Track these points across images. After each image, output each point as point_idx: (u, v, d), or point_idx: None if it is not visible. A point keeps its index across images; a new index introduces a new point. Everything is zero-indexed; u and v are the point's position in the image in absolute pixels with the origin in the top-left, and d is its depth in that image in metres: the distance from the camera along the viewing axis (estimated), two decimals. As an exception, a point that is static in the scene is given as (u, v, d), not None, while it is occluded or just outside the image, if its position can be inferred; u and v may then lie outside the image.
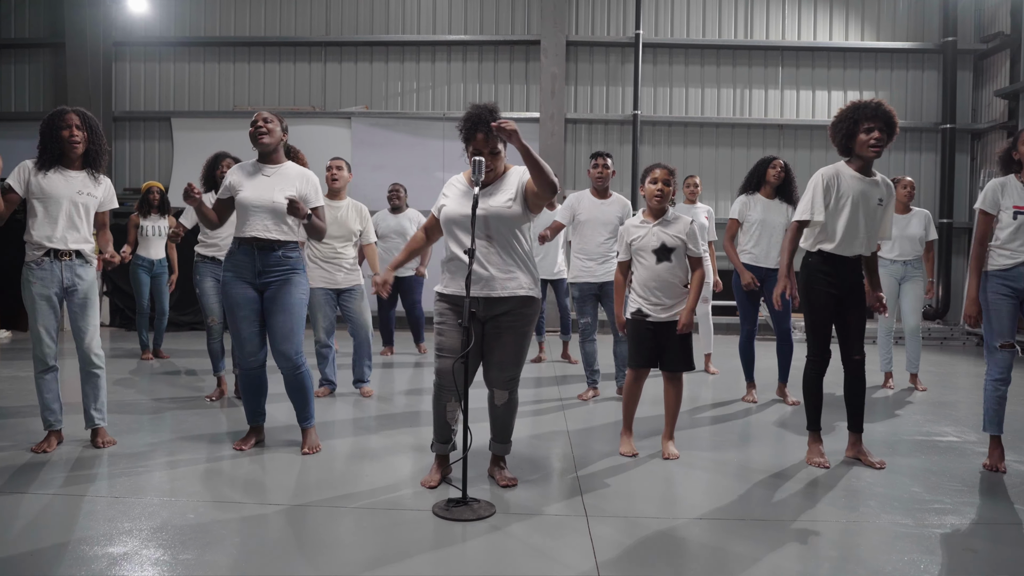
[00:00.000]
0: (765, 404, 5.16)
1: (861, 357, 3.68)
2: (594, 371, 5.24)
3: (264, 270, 3.59)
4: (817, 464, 3.61)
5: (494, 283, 3.02)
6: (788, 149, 10.00)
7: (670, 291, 3.63)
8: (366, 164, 9.81)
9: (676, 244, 3.63)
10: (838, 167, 3.63)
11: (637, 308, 3.68)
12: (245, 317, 3.62)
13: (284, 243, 3.62)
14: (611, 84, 10.04)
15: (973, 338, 9.25)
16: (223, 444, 3.84)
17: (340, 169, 5.16)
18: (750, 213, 5.18)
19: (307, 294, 3.72)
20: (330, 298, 5.09)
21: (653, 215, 3.70)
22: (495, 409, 3.23)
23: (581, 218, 5.12)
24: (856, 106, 3.54)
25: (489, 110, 3.05)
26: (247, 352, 3.66)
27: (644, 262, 3.67)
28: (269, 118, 3.66)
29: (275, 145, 3.67)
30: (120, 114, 10.22)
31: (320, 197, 3.75)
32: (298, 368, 3.67)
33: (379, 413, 4.73)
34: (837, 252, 3.60)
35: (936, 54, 9.88)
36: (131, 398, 5.03)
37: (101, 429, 3.80)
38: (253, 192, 3.58)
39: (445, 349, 3.07)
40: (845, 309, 3.64)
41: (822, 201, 3.57)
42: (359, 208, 5.20)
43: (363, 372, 5.27)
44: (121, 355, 7.11)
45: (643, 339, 3.68)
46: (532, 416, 4.66)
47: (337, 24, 10.10)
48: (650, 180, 3.68)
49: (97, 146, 3.69)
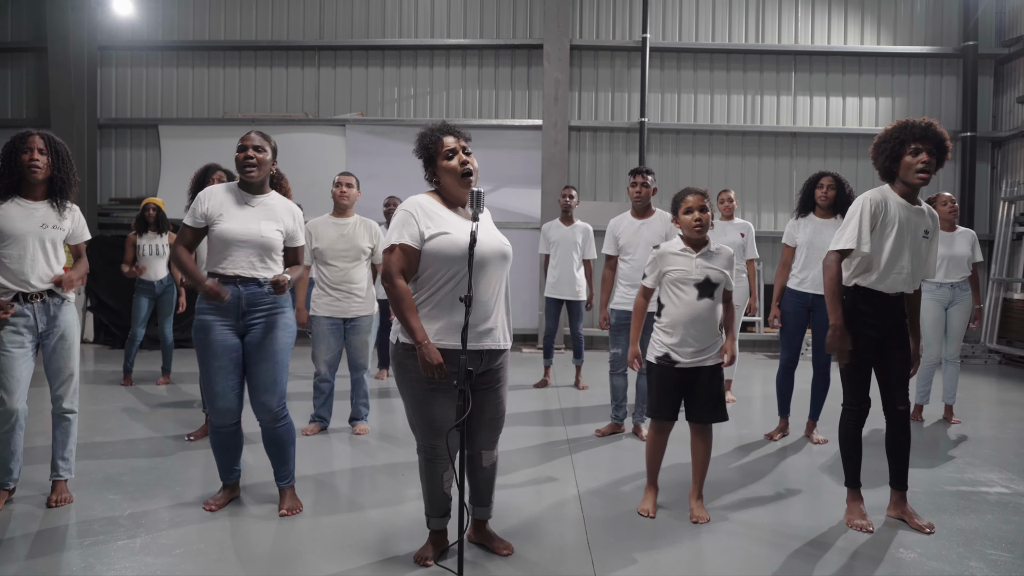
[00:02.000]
0: (793, 443, 4.76)
1: (906, 407, 3.29)
2: (620, 406, 4.84)
3: (249, 310, 3.18)
4: (859, 527, 3.22)
5: (496, 333, 2.64)
6: (801, 158, 9.61)
7: (706, 332, 3.22)
8: (361, 173, 9.28)
9: (720, 279, 3.23)
10: (884, 191, 3.24)
11: (664, 352, 3.26)
12: (222, 368, 3.19)
13: (267, 281, 3.22)
14: (617, 90, 9.64)
15: (996, 356, 8.85)
16: (193, 503, 3.44)
17: (350, 187, 4.76)
18: (797, 235, 4.77)
19: (294, 335, 3.33)
20: (336, 328, 4.69)
21: (694, 246, 3.29)
22: (482, 472, 2.84)
23: (623, 242, 4.73)
24: (903, 126, 3.15)
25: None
26: (220, 409, 3.23)
27: (682, 296, 3.23)
28: (260, 145, 3.23)
29: (263, 178, 3.27)
30: (105, 121, 9.83)
31: (303, 235, 3.40)
32: (280, 421, 3.27)
33: (373, 457, 4.33)
34: (878, 288, 3.21)
35: (956, 59, 9.49)
36: (104, 436, 4.63)
37: (61, 484, 3.41)
38: (237, 224, 3.16)
39: (439, 422, 2.60)
40: (887, 353, 3.25)
41: (869, 229, 3.17)
42: (368, 224, 4.80)
43: (359, 410, 4.88)
44: (102, 379, 6.71)
45: (669, 388, 3.28)
46: (536, 463, 4.26)
47: (331, 27, 9.71)
48: (684, 210, 3.27)
49: (63, 174, 3.30)
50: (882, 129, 3.26)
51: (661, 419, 3.31)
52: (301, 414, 5.23)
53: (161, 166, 9.74)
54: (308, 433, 4.75)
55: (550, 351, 6.66)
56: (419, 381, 2.58)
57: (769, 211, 9.64)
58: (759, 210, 9.62)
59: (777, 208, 9.63)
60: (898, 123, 3.20)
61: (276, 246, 3.23)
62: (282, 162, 3.64)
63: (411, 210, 2.62)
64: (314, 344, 4.72)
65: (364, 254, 4.71)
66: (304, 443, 4.57)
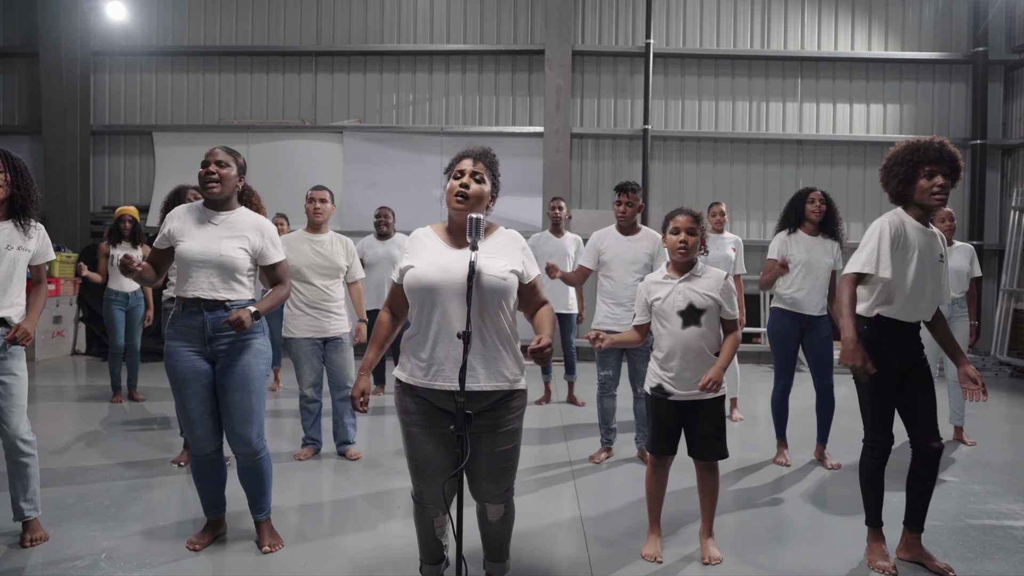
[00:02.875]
0: (801, 468, 4.57)
1: (940, 445, 3.05)
2: (610, 430, 4.68)
3: (215, 335, 2.99)
4: (881, 569, 3.02)
5: (476, 372, 2.36)
6: (807, 166, 9.43)
7: (698, 363, 3.02)
8: (359, 181, 9.25)
9: (707, 304, 3.01)
10: (901, 215, 3.05)
11: (658, 384, 3.08)
12: (195, 395, 3.01)
13: (236, 303, 3.03)
14: (620, 97, 9.46)
15: (1007, 368, 8.66)
16: (174, 538, 3.25)
17: (324, 202, 4.58)
18: (791, 253, 4.59)
19: (268, 360, 3.12)
20: (317, 348, 4.53)
21: (678, 269, 3.11)
22: (488, 525, 2.62)
23: (606, 258, 4.53)
24: (915, 147, 2.97)
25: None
26: (198, 437, 3.06)
27: (667, 327, 3.05)
28: (224, 160, 3.04)
29: (227, 195, 3.08)
30: (98, 128, 9.66)
31: (280, 250, 3.16)
32: (257, 454, 3.08)
33: (365, 485, 4.14)
34: (900, 317, 3.02)
35: (965, 65, 9.31)
36: (86, 461, 4.44)
37: (32, 522, 3.22)
38: (196, 243, 2.98)
39: (421, 463, 2.43)
40: (912, 386, 3.06)
41: (890, 253, 2.98)
42: (344, 242, 4.65)
43: (347, 432, 4.69)
44: (91, 396, 6.52)
45: (665, 421, 3.09)
46: (537, 489, 4.07)
47: (328, 33, 9.53)
48: (671, 230, 3.06)
49: (24, 191, 3.11)
50: (892, 139, 3.08)
51: (659, 453, 3.12)
52: (293, 437, 5.05)
53: (155, 174, 9.56)
54: (302, 458, 4.57)
55: (548, 367, 6.47)
56: (402, 415, 2.45)
57: (775, 220, 9.43)
58: (764, 219, 9.44)
59: (783, 217, 9.43)
60: (908, 144, 3.01)
61: (239, 266, 3.01)
62: (278, 170, 3.45)
63: (404, 244, 2.57)
64: (297, 366, 4.55)
65: (341, 271, 4.57)
66: (294, 469, 4.39)
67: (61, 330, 8.85)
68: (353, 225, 8.98)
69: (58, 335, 8.81)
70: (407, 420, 2.43)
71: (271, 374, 6.70)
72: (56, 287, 8.72)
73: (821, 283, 4.52)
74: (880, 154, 9.37)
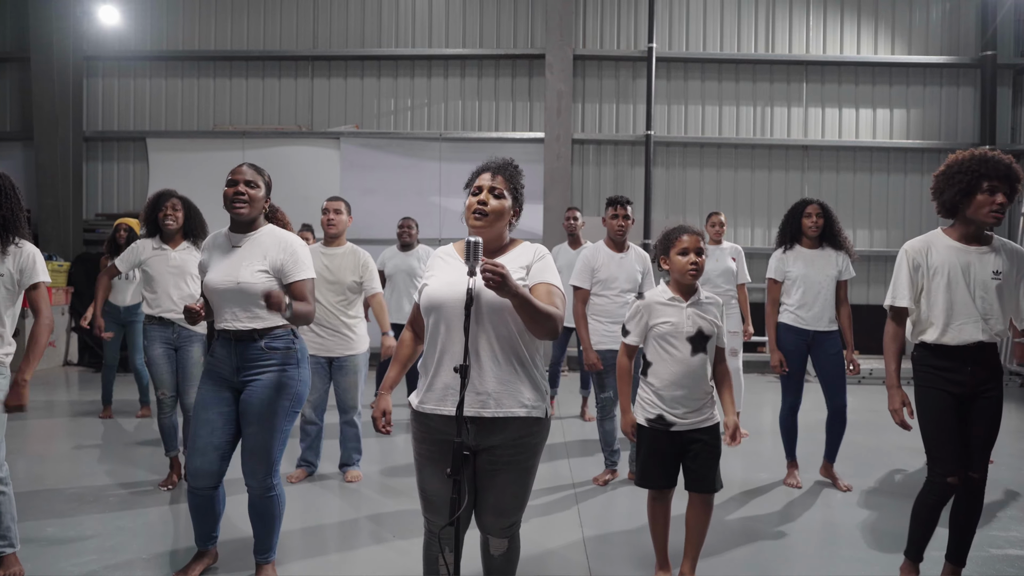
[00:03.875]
0: (810, 488, 4.40)
1: (981, 476, 2.88)
2: (613, 451, 4.52)
3: (243, 365, 2.83)
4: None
5: (489, 397, 2.20)
6: (813, 172, 9.27)
7: (699, 390, 2.86)
8: (356, 188, 9.08)
9: (712, 332, 2.87)
10: (929, 239, 2.90)
11: (658, 415, 2.88)
12: (207, 422, 2.83)
13: (265, 331, 2.84)
14: (622, 102, 9.30)
15: (1017, 379, 8.49)
16: (162, 571, 3.08)
17: (339, 213, 4.41)
18: (790, 269, 4.43)
19: (296, 399, 2.90)
20: (321, 368, 4.35)
21: (683, 292, 2.93)
22: (491, 560, 2.44)
23: (601, 276, 4.39)
24: (981, 159, 2.77)
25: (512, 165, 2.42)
26: (197, 469, 2.85)
27: (673, 353, 2.86)
28: (253, 180, 2.86)
29: (255, 216, 2.91)
30: (91, 134, 9.49)
31: (304, 267, 2.90)
32: (269, 492, 2.89)
33: (364, 509, 3.96)
34: (944, 342, 2.85)
35: (973, 69, 9.16)
36: (70, 484, 4.27)
37: (8, 557, 3.04)
38: (217, 273, 2.83)
39: (430, 495, 2.28)
40: (970, 414, 2.87)
41: (907, 283, 2.87)
42: (357, 255, 4.42)
43: (350, 456, 4.51)
44: (80, 411, 6.36)
45: (663, 453, 2.89)
46: (539, 514, 3.90)
47: (325, 37, 9.37)
48: (678, 251, 2.87)
49: (8, 211, 2.90)
50: (900, 145, 2.93)
51: (659, 487, 2.94)
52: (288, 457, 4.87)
53: (149, 180, 9.39)
54: (293, 480, 4.40)
55: (555, 380, 6.30)
56: (414, 443, 2.32)
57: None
58: (769, 226, 9.27)
59: (788, 224, 9.27)
60: (972, 155, 2.83)
61: (259, 290, 2.83)
62: (274, 177, 3.24)
63: (428, 263, 2.42)
64: None
65: (350, 289, 4.34)
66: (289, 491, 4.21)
67: (52, 340, 8.67)
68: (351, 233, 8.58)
69: (49, 345, 8.62)
70: (417, 448, 2.31)
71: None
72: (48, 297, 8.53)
73: (825, 297, 4.35)
74: (887, 160, 9.22)
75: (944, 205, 2.91)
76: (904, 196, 9.13)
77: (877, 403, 6.95)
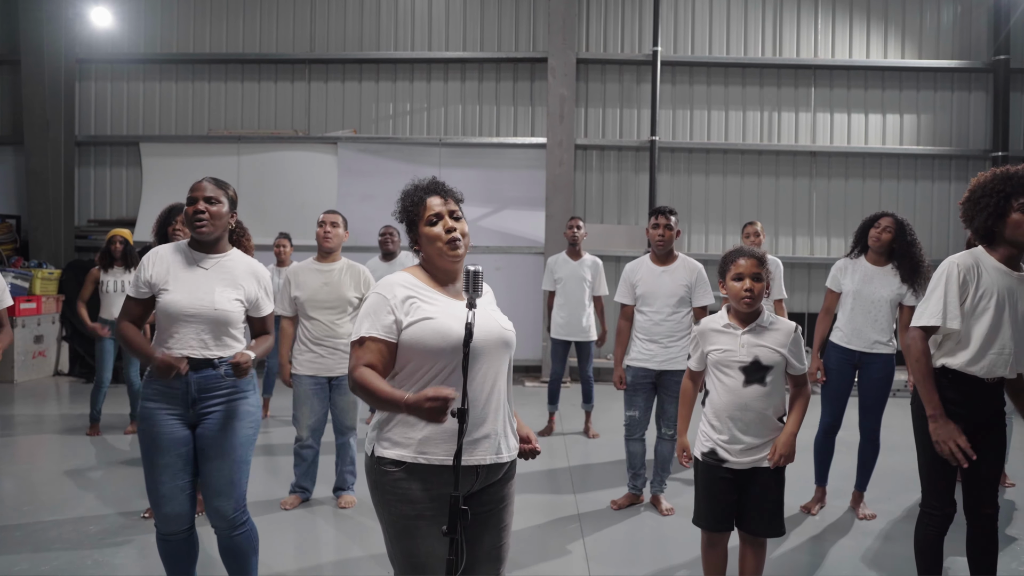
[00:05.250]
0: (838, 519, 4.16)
1: (994, 511, 2.72)
2: (638, 475, 4.31)
3: (200, 397, 2.61)
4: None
5: (492, 442, 2.02)
6: (821, 178, 9.06)
7: (759, 426, 2.65)
8: (354, 194, 8.88)
9: (774, 361, 2.64)
10: (977, 255, 2.68)
11: (711, 448, 2.70)
12: (168, 467, 2.61)
13: (227, 358, 2.65)
14: (626, 106, 9.09)
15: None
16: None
17: (335, 226, 4.23)
18: (844, 281, 4.19)
19: (257, 425, 2.74)
20: (320, 389, 4.16)
21: (740, 319, 2.72)
22: None
23: (640, 291, 4.19)
24: (1007, 176, 2.60)
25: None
26: (167, 515, 2.64)
27: (726, 381, 2.68)
28: (214, 197, 2.64)
29: (219, 234, 2.70)
30: (84, 138, 9.28)
31: (270, 299, 2.82)
32: (240, 529, 2.69)
33: (359, 539, 3.76)
34: (970, 371, 2.64)
35: (986, 73, 8.95)
36: (49, 514, 4.06)
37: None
38: (184, 294, 2.59)
39: (424, 559, 1.97)
40: (982, 445, 2.68)
41: (958, 301, 2.62)
42: (356, 271, 4.25)
43: (345, 479, 4.31)
44: (68, 427, 6.14)
45: (719, 491, 2.70)
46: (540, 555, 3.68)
47: (323, 40, 9.16)
48: (732, 276, 2.67)
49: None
50: (909, 151, 2.72)
51: (714, 530, 2.74)
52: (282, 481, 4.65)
53: (142, 186, 9.18)
54: (287, 507, 4.20)
55: (556, 396, 6.09)
56: (400, 505, 1.97)
57: (787, 235, 9.09)
58: (776, 234, 9.07)
59: (795, 232, 9.07)
60: (997, 173, 2.64)
61: (234, 319, 2.66)
62: (269, 183, 3.06)
63: (385, 294, 2.02)
64: (295, 406, 4.19)
65: (351, 305, 4.16)
66: (281, 519, 4.02)
67: (43, 350, 8.47)
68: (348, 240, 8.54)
69: (39, 355, 8.42)
70: (409, 512, 1.97)
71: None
72: (38, 305, 8.34)
73: (876, 317, 4.06)
74: (897, 166, 9.01)
75: (978, 232, 2.71)
76: (914, 204, 8.92)
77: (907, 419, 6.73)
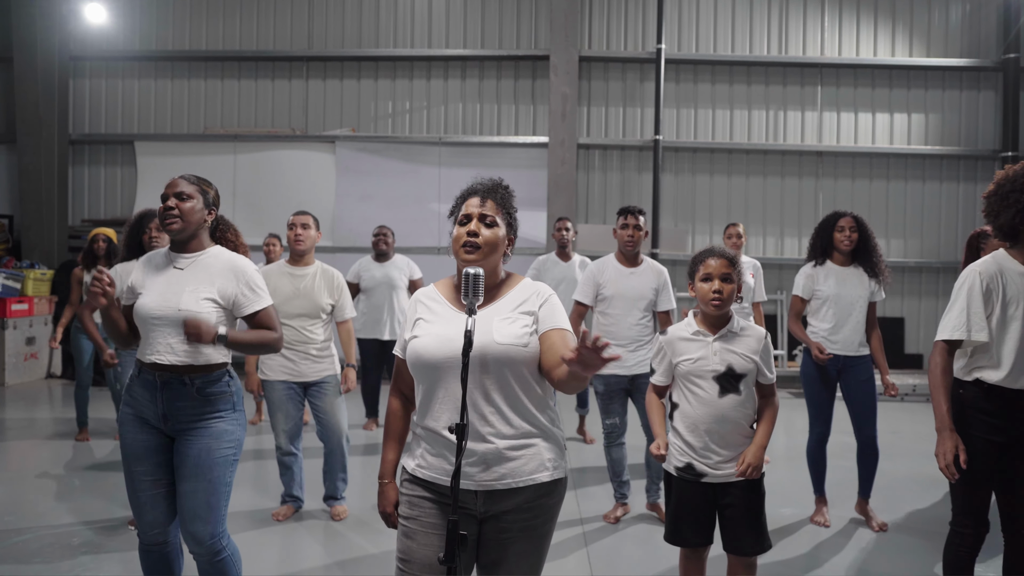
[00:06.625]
0: (843, 530, 4.02)
1: None
2: (622, 482, 4.17)
3: (170, 413, 2.45)
4: None
5: (498, 463, 1.88)
6: (828, 178, 8.92)
7: (734, 436, 2.50)
8: (352, 194, 8.73)
9: (747, 369, 2.49)
10: (999, 260, 2.52)
11: (687, 463, 2.53)
12: (144, 475, 2.48)
13: (202, 369, 2.48)
14: (629, 105, 8.95)
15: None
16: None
17: (306, 228, 4.05)
18: (819, 288, 4.08)
19: (237, 444, 2.55)
20: (294, 394, 4.00)
21: (710, 324, 2.57)
22: None
23: (606, 293, 4.02)
24: None
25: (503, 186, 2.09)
26: (148, 523, 2.52)
27: (699, 393, 2.51)
28: (186, 192, 2.49)
29: (191, 232, 2.54)
30: (77, 136, 9.14)
31: (262, 294, 2.57)
32: (219, 555, 2.52)
33: (351, 550, 3.60)
34: (1007, 385, 2.48)
35: (995, 72, 8.81)
36: (32, 522, 3.91)
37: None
38: (155, 296, 2.45)
39: (415, 562, 1.89)
40: (1013, 464, 2.52)
41: (983, 311, 2.45)
42: (330, 276, 4.08)
43: (335, 488, 4.15)
44: (57, 432, 5.99)
45: (696, 507, 2.54)
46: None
47: (321, 36, 9.02)
48: (701, 276, 2.53)
49: None
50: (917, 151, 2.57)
51: (692, 545, 2.58)
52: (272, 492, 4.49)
53: (137, 185, 9.04)
54: (279, 518, 4.04)
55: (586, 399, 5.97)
56: (408, 506, 1.96)
57: (793, 236, 8.93)
58: (782, 235, 8.92)
59: (801, 232, 8.90)
60: (1022, 168, 2.50)
61: (203, 321, 2.48)
62: (266, 182, 2.89)
63: (408, 309, 2.07)
64: (270, 413, 4.04)
65: (324, 311, 4.00)
66: (271, 531, 3.86)
67: (35, 352, 8.32)
68: (346, 241, 8.48)
69: (31, 357, 8.28)
70: (405, 513, 1.96)
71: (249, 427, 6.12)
72: (30, 306, 8.20)
73: (856, 319, 4.01)
74: (904, 166, 8.87)
75: (1002, 229, 2.55)
76: (922, 204, 8.77)
77: (917, 424, 6.60)
